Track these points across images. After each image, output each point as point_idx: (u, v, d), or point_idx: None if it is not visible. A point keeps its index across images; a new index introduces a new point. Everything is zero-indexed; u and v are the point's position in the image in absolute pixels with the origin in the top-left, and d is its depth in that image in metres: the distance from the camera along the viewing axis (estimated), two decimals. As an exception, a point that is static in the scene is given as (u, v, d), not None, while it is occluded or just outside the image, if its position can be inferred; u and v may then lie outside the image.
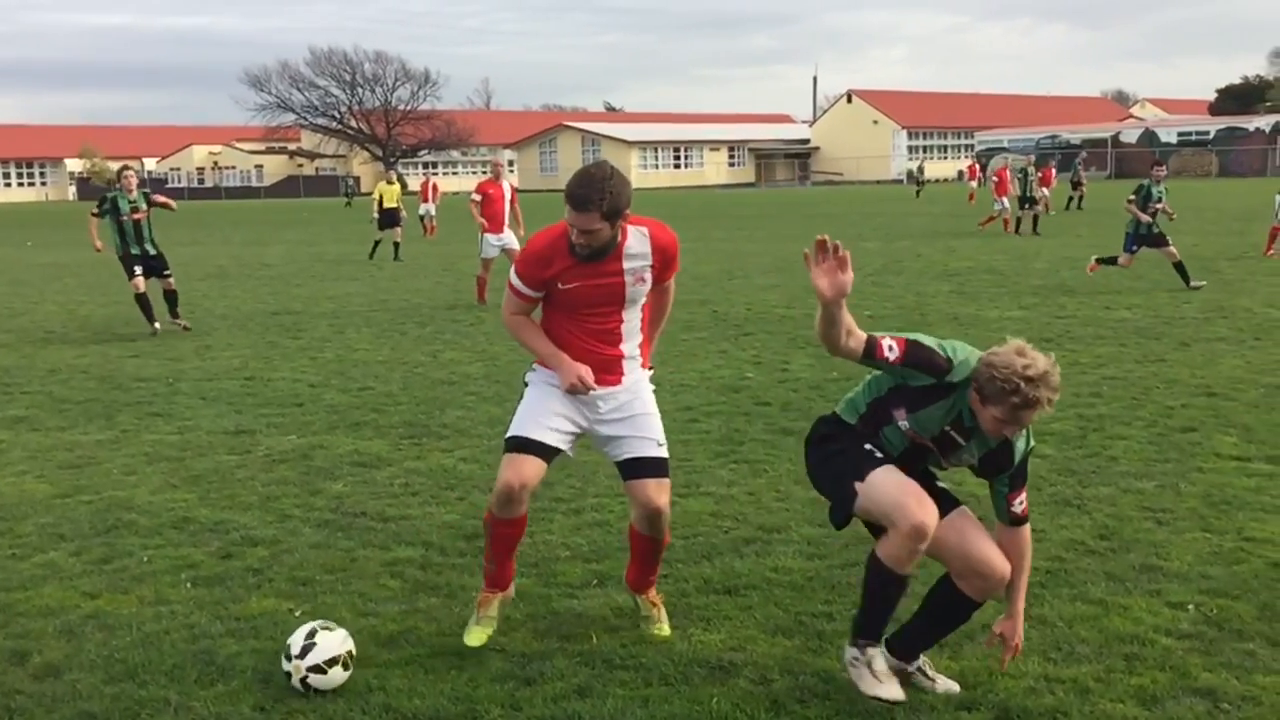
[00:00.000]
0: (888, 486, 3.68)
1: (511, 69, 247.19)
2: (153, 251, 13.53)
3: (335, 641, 4.03)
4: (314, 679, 3.95)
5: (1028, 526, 3.90)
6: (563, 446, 4.29)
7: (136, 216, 13.35)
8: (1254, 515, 5.74)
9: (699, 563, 5.26)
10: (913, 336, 3.73)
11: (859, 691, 3.77)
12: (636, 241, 4.11)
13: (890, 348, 3.64)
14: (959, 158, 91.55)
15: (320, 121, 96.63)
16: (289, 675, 3.99)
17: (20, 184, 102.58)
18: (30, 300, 17.87)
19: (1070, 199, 37.26)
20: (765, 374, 10.01)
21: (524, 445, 4.20)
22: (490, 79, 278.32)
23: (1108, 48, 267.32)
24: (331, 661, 3.97)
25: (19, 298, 18.26)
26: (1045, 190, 34.01)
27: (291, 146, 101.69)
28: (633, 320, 4.25)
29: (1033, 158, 30.85)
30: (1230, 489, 6.19)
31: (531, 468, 4.19)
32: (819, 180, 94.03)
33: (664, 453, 4.30)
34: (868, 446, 3.80)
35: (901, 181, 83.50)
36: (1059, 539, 5.46)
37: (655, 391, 4.44)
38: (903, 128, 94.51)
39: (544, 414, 4.25)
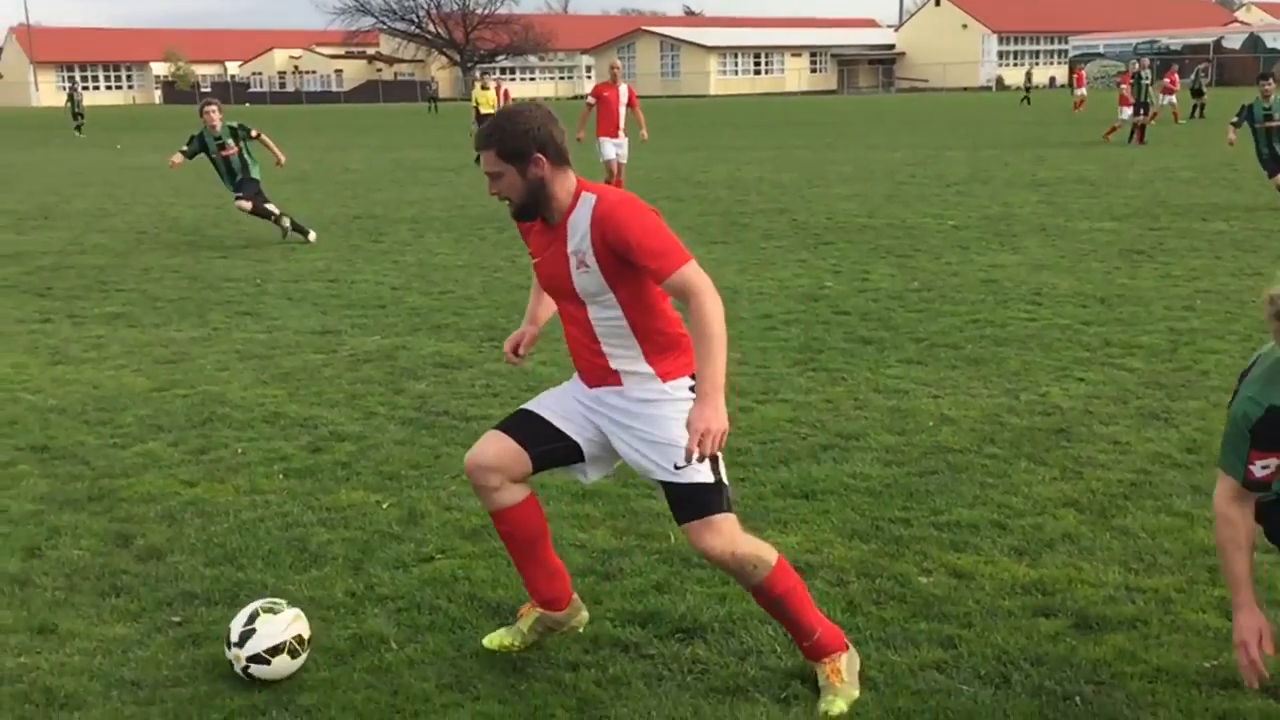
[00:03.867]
0: None
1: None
2: (255, 174, 13.06)
3: (278, 627, 3.48)
4: (256, 669, 3.45)
5: None
6: (567, 430, 3.39)
7: (225, 154, 13.02)
8: (1350, 433, 5.59)
9: (776, 468, 5.29)
10: (1238, 437, 3.02)
11: None
12: (581, 211, 3.25)
13: (1265, 466, 3.02)
14: (1051, 63, 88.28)
15: (399, 26, 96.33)
16: (230, 664, 3.51)
17: (108, 87, 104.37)
18: (122, 202, 18.30)
19: (1194, 107, 35.64)
20: (844, 283, 9.91)
21: (501, 423, 3.50)
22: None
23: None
24: (274, 650, 3.44)
25: (111, 200, 18.71)
26: (1172, 98, 32.55)
27: (370, 51, 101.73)
28: (607, 323, 3.31)
29: (1148, 61, 29.36)
30: (1326, 406, 6.01)
31: (494, 445, 3.38)
32: (903, 87, 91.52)
33: (689, 477, 3.19)
34: None
35: (990, 88, 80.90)
36: (1144, 451, 5.39)
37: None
38: (993, 32, 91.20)
39: (552, 395, 3.54)
